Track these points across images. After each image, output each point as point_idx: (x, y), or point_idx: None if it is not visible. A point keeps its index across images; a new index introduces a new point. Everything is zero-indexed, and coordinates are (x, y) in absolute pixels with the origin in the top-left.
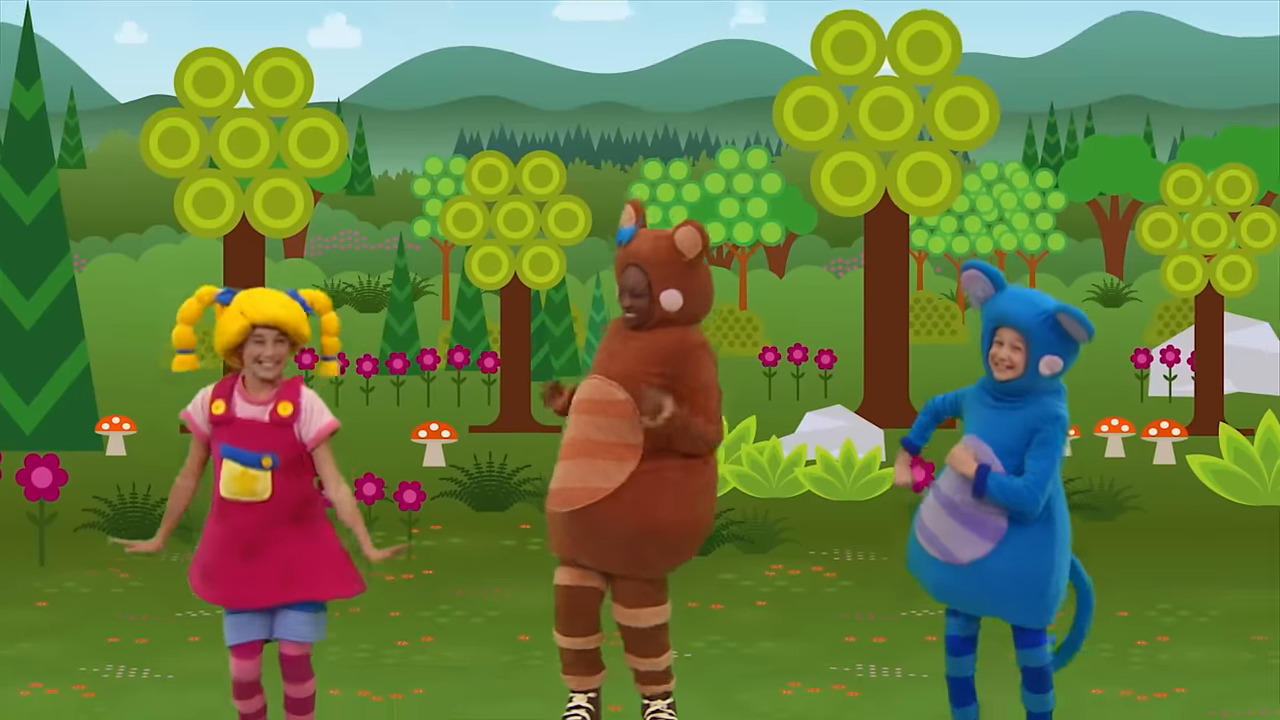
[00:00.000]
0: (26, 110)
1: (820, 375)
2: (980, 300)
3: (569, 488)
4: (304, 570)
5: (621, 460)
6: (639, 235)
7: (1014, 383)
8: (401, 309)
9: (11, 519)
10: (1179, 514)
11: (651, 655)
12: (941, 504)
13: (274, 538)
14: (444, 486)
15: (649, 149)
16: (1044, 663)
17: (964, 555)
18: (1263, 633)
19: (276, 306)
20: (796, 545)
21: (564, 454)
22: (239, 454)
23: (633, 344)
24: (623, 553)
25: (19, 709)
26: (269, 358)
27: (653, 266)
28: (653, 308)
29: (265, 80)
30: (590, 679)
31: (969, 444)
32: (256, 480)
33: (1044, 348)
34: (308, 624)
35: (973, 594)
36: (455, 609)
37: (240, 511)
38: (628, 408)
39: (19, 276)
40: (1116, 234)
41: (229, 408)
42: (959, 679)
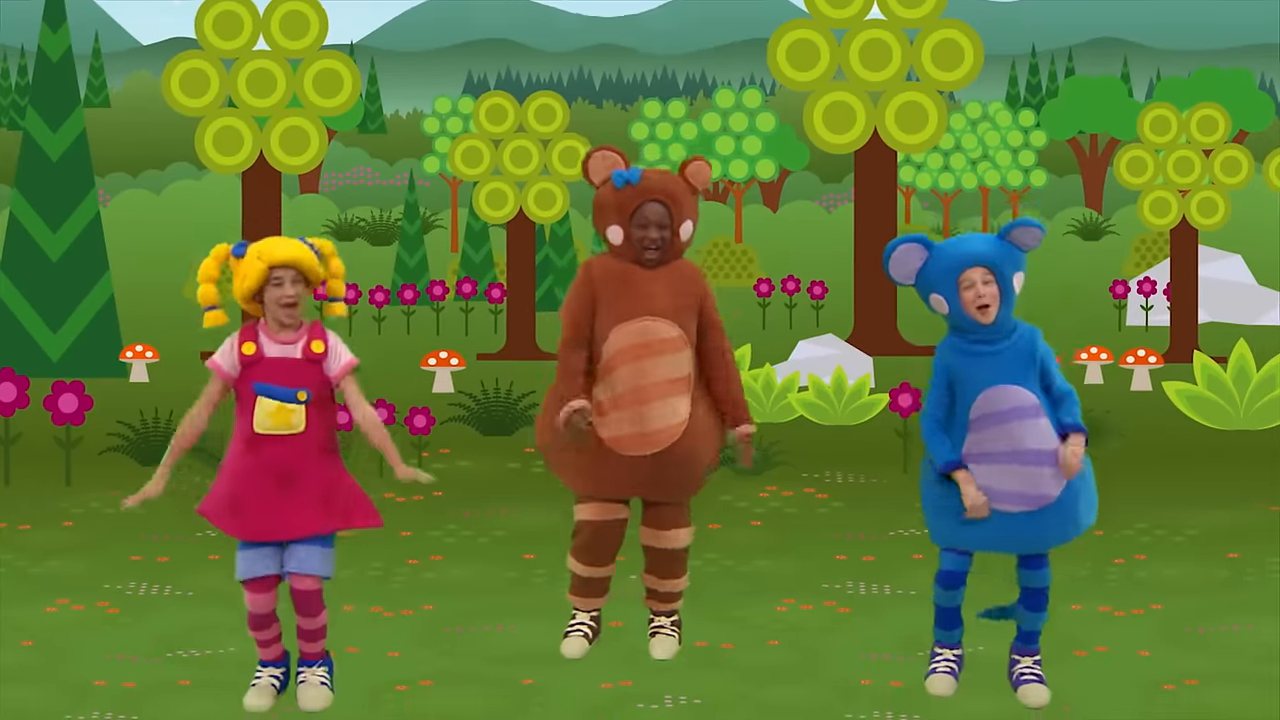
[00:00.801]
0: (54, 52)
1: (812, 305)
2: (916, 270)
3: (648, 431)
4: (339, 499)
5: (684, 394)
6: (648, 173)
7: (997, 318)
8: (412, 242)
9: (39, 443)
10: (1156, 438)
11: (675, 576)
12: (1006, 460)
13: (308, 469)
14: (452, 412)
15: (649, 89)
16: (1049, 582)
17: (1054, 490)
18: (1236, 551)
19: (290, 248)
20: (790, 468)
21: (627, 401)
22: (275, 390)
23: (658, 283)
24: (696, 478)
25: (47, 623)
26: (289, 297)
27: (674, 202)
28: (674, 240)
29: (282, 23)
30: (598, 600)
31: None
32: (293, 413)
33: (1011, 268)
34: (318, 557)
35: (1066, 521)
36: (463, 529)
37: (275, 444)
38: (680, 341)
39: (46, 211)
40: (1095, 170)
41: (259, 348)
42: (951, 609)
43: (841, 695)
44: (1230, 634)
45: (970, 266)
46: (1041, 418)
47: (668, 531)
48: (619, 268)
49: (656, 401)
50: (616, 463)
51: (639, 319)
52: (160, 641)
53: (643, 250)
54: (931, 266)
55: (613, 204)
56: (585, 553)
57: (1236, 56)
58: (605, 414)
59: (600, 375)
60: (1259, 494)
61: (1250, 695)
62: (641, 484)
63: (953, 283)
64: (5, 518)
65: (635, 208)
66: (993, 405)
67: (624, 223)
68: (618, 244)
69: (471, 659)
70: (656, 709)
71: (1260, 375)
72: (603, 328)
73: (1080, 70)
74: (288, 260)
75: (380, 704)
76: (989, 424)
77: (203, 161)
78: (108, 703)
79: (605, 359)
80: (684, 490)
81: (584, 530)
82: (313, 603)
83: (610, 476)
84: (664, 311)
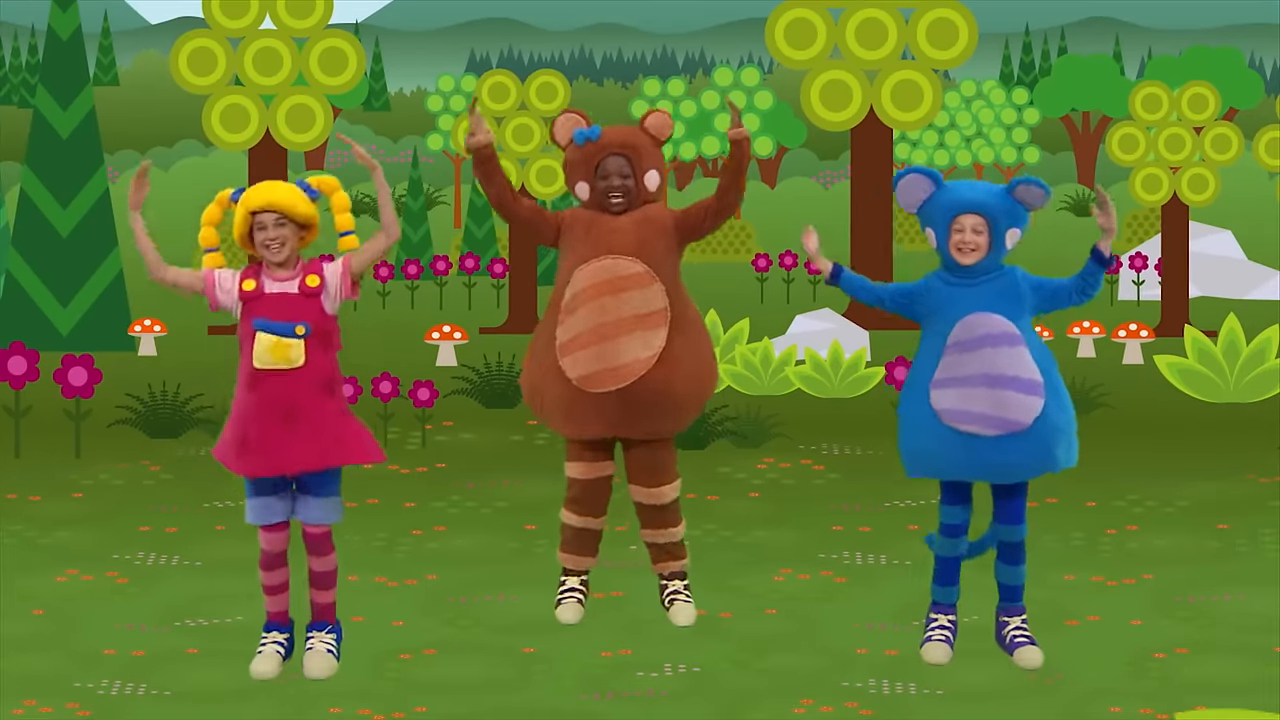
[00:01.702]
0: (63, 31)
1: (809, 280)
2: (921, 200)
3: (614, 366)
4: (340, 435)
5: (656, 327)
6: (608, 129)
7: (979, 264)
8: (416, 218)
9: (49, 415)
10: (1147, 411)
11: (671, 525)
12: (979, 383)
13: (309, 404)
14: (456, 385)
15: (648, 67)
16: (1024, 535)
17: (1028, 417)
18: (1227, 522)
19: (268, 191)
20: (787, 440)
21: (591, 339)
22: (274, 325)
23: (625, 221)
24: (674, 413)
25: (57, 592)
26: (273, 240)
27: (634, 151)
28: (639, 189)
29: (288, 3)
30: (587, 559)
31: (976, 320)
32: (291, 348)
33: (1008, 223)
34: (326, 508)
35: (1041, 453)
36: (466, 500)
37: (275, 380)
38: (645, 277)
39: (56, 188)
40: (1088, 147)
41: (259, 285)
42: (951, 559)
43: (838, 663)
44: (1221, 604)
45: (966, 213)
46: (1019, 346)
47: (654, 489)
48: (586, 214)
49: (623, 337)
50: (586, 402)
51: (600, 258)
52: (168, 611)
53: (607, 198)
54: (933, 202)
55: (578, 160)
56: (577, 504)
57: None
58: (569, 353)
59: (563, 316)
60: (1249, 466)
61: (1241, 664)
62: (614, 422)
63: (946, 223)
64: (16, 489)
65: (598, 162)
66: (968, 331)
67: (589, 177)
68: (586, 199)
69: (474, 628)
70: (656, 677)
71: (1250, 349)
72: (565, 269)
73: (1073, 49)
74: (265, 204)
75: (384, 672)
76: (964, 349)
77: (210, 139)
78: (117, 671)
79: (567, 299)
80: (660, 425)
81: (574, 486)
82: (322, 544)
83: (583, 416)
84: (628, 249)
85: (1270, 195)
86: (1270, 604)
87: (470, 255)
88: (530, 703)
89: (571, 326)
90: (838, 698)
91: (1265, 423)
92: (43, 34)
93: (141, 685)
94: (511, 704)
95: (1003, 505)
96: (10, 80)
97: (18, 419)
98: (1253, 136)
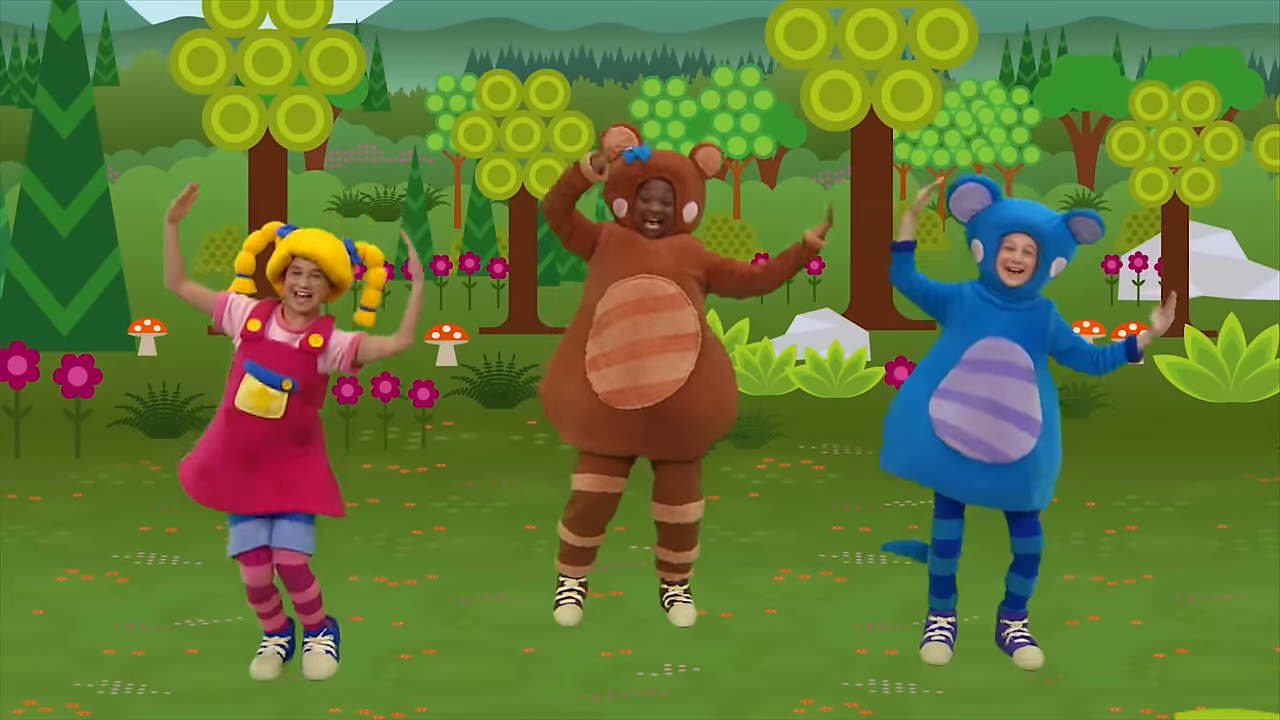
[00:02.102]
0: (63, 31)
1: (809, 280)
2: (974, 212)
3: (642, 385)
4: (298, 484)
5: (685, 350)
6: (658, 152)
7: (1023, 287)
8: (416, 218)
9: (49, 415)
10: (1147, 411)
11: (689, 548)
12: (979, 406)
13: (275, 454)
14: (456, 385)
15: (648, 67)
16: (1041, 548)
17: (1015, 452)
18: (1226, 522)
19: (316, 242)
20: (787, 440)
21: (621, 356)
22: (263, 373)
23: (661, 246)
24: (698, 436)
25: (57, 592)
26: (303, 288)
27: (679, 181)
28: (676, 219)
29: (288, 3)
30: (586, 568)
31: (999, 346)
32: (273, 399)
33: (1056, 251)
34: (299, 533)
35: (1017, 489)
36: (466, 500)
37: (250, 424)
38: (680, 299)
39: (56, 187)
40: (1088, 147)
41: (264, 328)
42: (945, 577)
43: (838, 663)
44: (1221, 604)
45: (1020, 231)
46: (1031, 383)
47: (679, 506)
48: (624, 232)
49: (653, 356)
50: (610, 417)
51: (636, 276)
52: (168, 611)
53: (644, 222)
54: (988, 215)
55: (621, 178)
56: (579, 523)
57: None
58: (598, 369)
59: (595, 331)
60: (1248, 466)
61: (1241, 664)
62: (635, 439)
63: (997, 238)
64: (16, 489)
65: (641, 183)
66: (990, 353)
67: (629, 196)
68: (622, 216)
69: (474, 628)
70: (656, 677)
71: (1250, 349)
72: (600, 285)
73: (1073, 49)
74: (308, 252)
75: (384, 672)
76: (979, 368)
77: (210, 139)
78: (117, 671)
79: (600, 315)
80: (680, 448)
81: (579, 500)
82: (300, 577)
83: (604, 431)
84: (664, 270)
85: (1270, 195)
86: (1270, 604)
87: (470, 255)
88: (530, 703)
89: (603, 342)
90: (838, 698)
91: (1265, 423)
92: (43, 34)
93: (141, 685)
94: (511, 704)
95: (1015, 520)
96: (10, 80)
97: (18, 419)
98: (1253, 136)
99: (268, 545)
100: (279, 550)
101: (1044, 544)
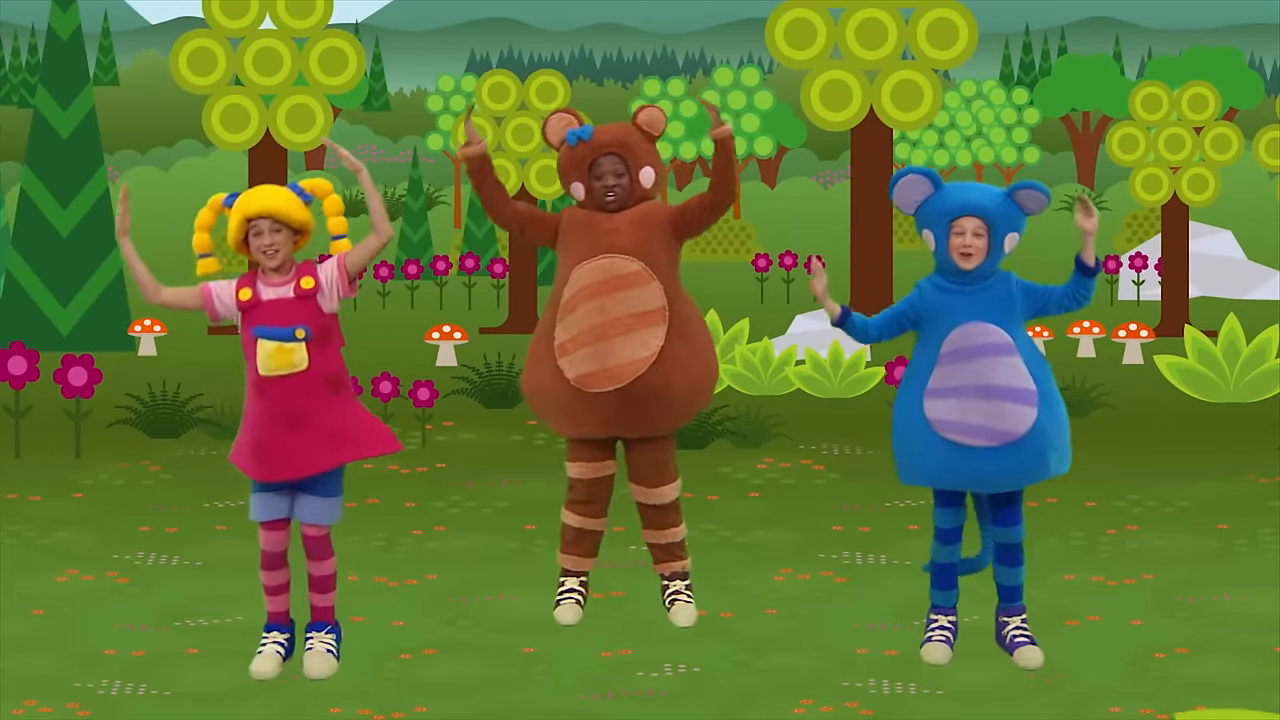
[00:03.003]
0: (63, 31)
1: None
2: (918, 203)
3: (611, 366)
4: (349, 431)
5: (654, 325)
6: (600, 128)
7: (978, 268)
8: (416, 218)
9: (49, 415)
10: (1147, 411)
11: (672, 526)
12: (972, 394)
13: (317, 406)
14: (456, 385)
15: (648, 68)
16: (1022, 537)
17: (1020, 427)
18: (1226, 522)
19: (265, 198)
20: (787, 440)
21: (588, 339)
22: (273, 331)
23: (621, 222)
24: (673, 412)
25: (57, 592)
26: (268, 246)
27: (626, 149)
28: (633, 187)
29: (288, 3)
30: (587, 560)
31: (972, 330)
32: (293, 352)
33: (1007, 227)
34: (326, 508)
35: (1032, 463)
36: (466, 500)
37: (281, 385)
38: (643, 275)
39: (56, 188)
40: (1088, 147)
41: (255, 293)
42: (946, 565)
43: (838, 663)
44: (1221, 604)
45: (966, 215)
46: (1013, 355)
47: (654, 489)
48: (583, 214)
49: (620, 337)
50: (585, 401)
51: (598, 257)
52: (168, 611)
53: (603, 197)
54: (932, 203)
55: (571, 161)
56: (579, 505)
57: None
58: (568, 354)
59: (561, 315)
60: (1249, 466)
61: (1241, 664)
62: (611, 421)
63: (945, 225)
64: (16, 489)
65: (591, 161)
66: (964, 340)
67: (583, 177)
68: (581, 199)
69: (474, 628)
70: (656, 677)
71: (1250, 349)
72: (564, 269)
73: (1073, 49)
74: (261, 210)
75: (384, 672)
76: (958, 359)
77: (210, 139)
78: (117, 671)
79: (566, 299)
80: (658, 424)
81: (576, 486)
82: (320, 547)
83: (581, 415)
84: (626, 248)
85: (1270, 195)
86: (1270, 604)
87: (470, 255)
88: (530, 703)
89: (570, 326)
90: (838, 698)
91: (1265, 423)
92: (43, 34)
93: (141, 685)
94: (511, 704)
95: (999, 509)
96: (10, 80)
97: (18, 419)
98: (1253, 136)
99: (287, 516)
100: (304, 523)
101: (1024, 534)
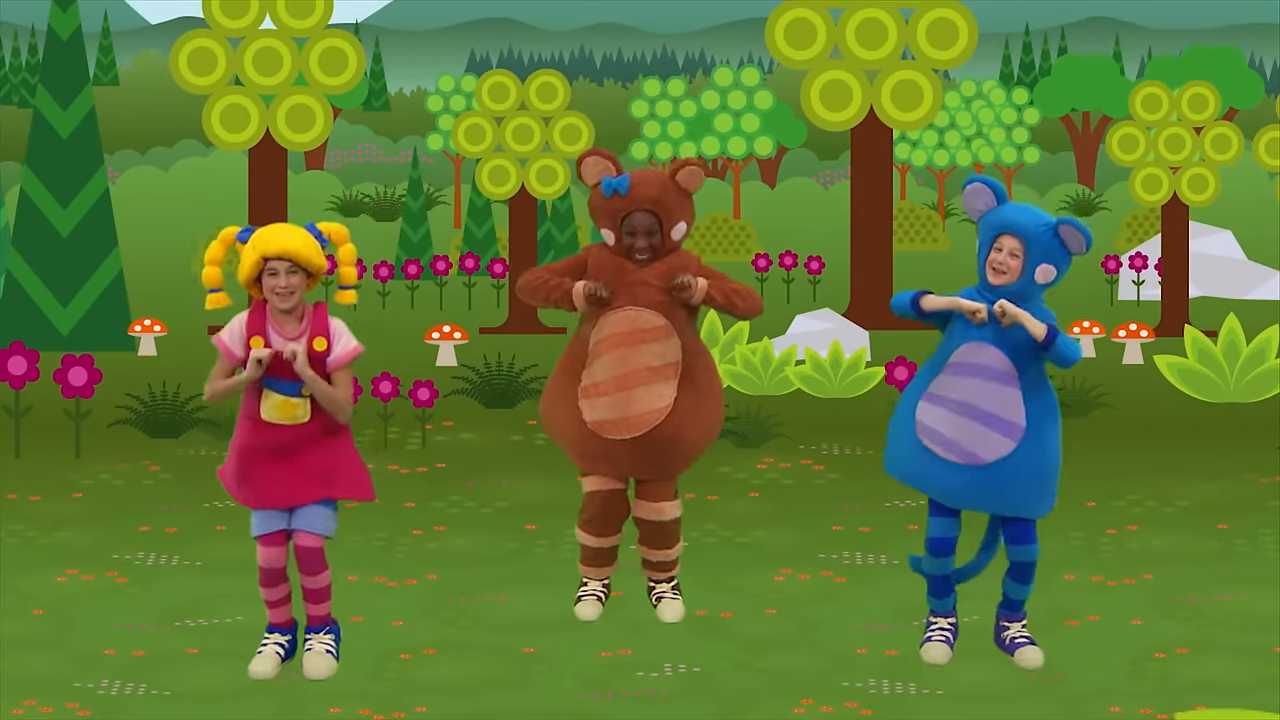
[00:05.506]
0: (63, 31)
1: (809, 280)
2: (980, 212)
3: (629, 416)
4: (337, 471)
5: (670, 378)
6: (636, 180)
7: (1008, 287)
8: (416, 218)
9: (49, 415)
10: (1147, 411)
11: (668, 546)
12: (954, 409)
13: (310, 446)
14: (455, 385)
15: (648, 67)
16: (1035, 556)
17: (989, 455)
18: (1226, 522)
19: (286, 239)
20: (787, 440)
21: (610, 388)
22: (282, 385)
23: (650, 275)
24: (683, 459)
25: (57, 592)
26: (283, 288)
27: (662, 208)
28: (664, 242)
29: (288, 3)
30: (608, 569)
31: (975, 349)
32: (298, 407)
33: (1041, 256)
34: (322, 517)
35: (991, 492)
36: (466, 500)
37: (279, 431)
38: (665, 330)
39: (56, 187)
40: (1088, 147)
41: (267, 342)
42: (940, 577)
43: (838, 663)
44: (1221, 604)
45: (1007, 233)
46: (1010, 387)
47: (656, 504)
48: (613, 260)
49: (640, 388)
50: (600, 444)
51: (625, 308)
52: (168, 611)
53: (631, 254)
54: (989, 216)
55: (603, 210)
56: (594, 524)
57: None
58: (589, 397)
59: (589, 359)
60: (1249, 466)
61: (1241, 664)
62: (625, 465)
63: (990, 239)
64: (16, 489)
65: (624, 216)
66: (970, 357)
67: (615, 228)
68: (611, 244)
69: (474, 628)
70: (656, 677)
71: (1250, 349)
72: (594, 312)
73: (1073, 49)
74: (281, 252)
75: (384, 672)
76: (960, 372)
77: (210, 139)
78: (116, 671)
79: (593, 344)
80: (668, 471)
81: (593, 501)
82: (315, 561)
83: (595, 456)
84: (652, 303)
85: (1270, 195)
86: (1270, 604)
87: (470, 255)
88: (530, 703)
89: (595, 372)
90: (838, 698)
91: (1265, 423)
92: (43, 34)
93: (141, 685)
94: (511, 704)
95: (1009, 526)
96: (10, 80)
97: (18, 419)
98: (1253, 136)
99: (285, 529)
100: (299, 532)
101: (1039, 553)
